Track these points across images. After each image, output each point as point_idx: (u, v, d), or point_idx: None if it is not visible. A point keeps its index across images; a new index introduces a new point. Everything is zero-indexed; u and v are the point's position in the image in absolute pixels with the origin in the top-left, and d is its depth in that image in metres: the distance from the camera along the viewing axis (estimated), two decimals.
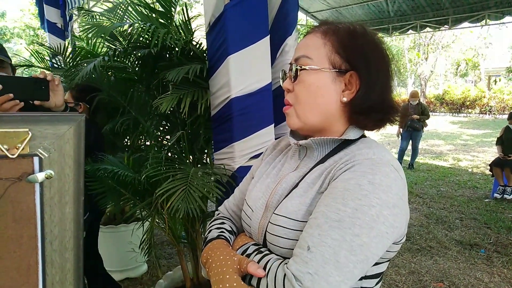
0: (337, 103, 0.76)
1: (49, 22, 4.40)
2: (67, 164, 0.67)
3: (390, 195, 0.64)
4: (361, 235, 0.61)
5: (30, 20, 17.97)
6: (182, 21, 1.98)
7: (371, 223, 0.62)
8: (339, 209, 0.63)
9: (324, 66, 0.74)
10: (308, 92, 0.75)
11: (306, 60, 0.75)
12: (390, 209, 0.64)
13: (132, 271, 3.00)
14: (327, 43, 0.75)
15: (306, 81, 0.75)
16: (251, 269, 0.68)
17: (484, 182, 6.26)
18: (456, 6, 7.34)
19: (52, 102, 1.29)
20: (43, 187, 0.68)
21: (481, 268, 3.19)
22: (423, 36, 24.68)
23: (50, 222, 0.66)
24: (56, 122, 0.66)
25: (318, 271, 0.60)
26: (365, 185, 0.64)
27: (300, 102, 0.77)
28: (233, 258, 0.72)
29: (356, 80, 0.74)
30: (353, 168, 0.67)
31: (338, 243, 0.61)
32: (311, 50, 0.76)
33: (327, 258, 0.60)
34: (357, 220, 0.62)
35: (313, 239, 0.63)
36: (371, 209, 0.62)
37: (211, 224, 0.93)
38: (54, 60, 2.81)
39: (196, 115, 1.88)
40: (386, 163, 0.68)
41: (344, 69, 0.74)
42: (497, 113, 20.37)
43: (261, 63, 1.71)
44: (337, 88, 0.75)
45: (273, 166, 0.89)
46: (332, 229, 0.62)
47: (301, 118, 0.77)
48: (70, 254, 0.68)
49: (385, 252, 0.70)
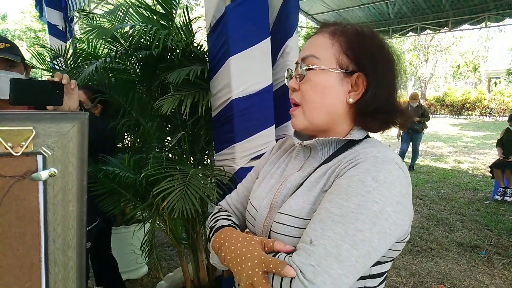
0: (343, 104, 0.76)
1: (50, 24, 4.42)
2: (71, 162, 0.68)
3: (394, 192, 0.65)
4: (363, 230, 0.62)
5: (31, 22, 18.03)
6: (183, 23, 1.99)
7: (374, 218, 0.63)
8: (342, 205, 0.64)
9: (331, 67, 0.75)
10: (314, 91, 0.76)
11: (314, 60, 0.76)
12: (393, 206, 0.65)
13: (133, 273, 3.00)
14: (335, 43, 0.76)
15: (313, 81, 0.76)
16: (278, 246, 0.68)
17: (485, 184, 6.25)
18: (456, 8, 7.35)
19: (66, 106, 1.23)
20: (46, 185, 0.68)
21: (482, 270, 3.19)
22: (423, 38, 24.72)
23: (53, 220, 0.66)
24: (60, 120, 0.66)
25: (320, 263, 0.60)
26: (369, 182, 0.65)
27: (307, 101, 0.77)
28: (254, 238, 0.72)
29: (363, 81, 0.75)
30: (357, 166, 0.68)
31: (341, 237, 0.62)
32: (319, 50, 0.76)
33: (329, 251, 0.61)
34: (360, 215, 0.62)
35: (315, 233, 0.63)
36: (374, 205, 0.63)
37: (216, 215, 0.92)
38: (55, 62, 2.82)
39: (197, 116, 1.88)
40: (390, 161, 0.68)
41: (352, 70, 0.75)
42: (497, 115, 20.36)
43: (262, 65, 1.71)
44: (343, 89, 0.76)
45: (277, 166, 0.90)
46: (334, 224, 0.63)
47: (308, 117, 0.78)
48: (73, 252, 0.68)
49: (388, 250, 0.70)
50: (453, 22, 7.61)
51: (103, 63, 1.92)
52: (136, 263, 2.99)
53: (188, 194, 1.53)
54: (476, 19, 7.31)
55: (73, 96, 1.24)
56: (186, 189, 1.55)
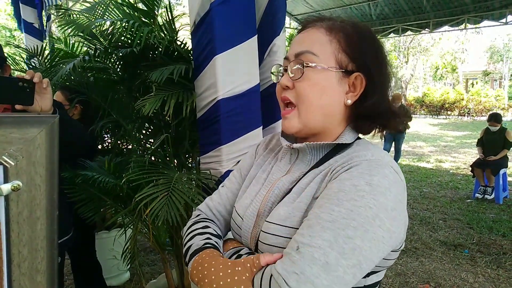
0: (340, 105, 0.72)
1: (26, 22, 4.24)
2: (38, 173, 0.58)
3: (389, 197, 0.60)
4: (354, 237, 0.57)
5: (6, 21, 17.40)
6: (165, 21, 1.92)
7: (366, 225, 0.58)
8: (333, 210, 0.59)
9: (331, 65, 0.69)
10: (313, 91, 0.70)
11: (312, 57, 0.70)
12: (387, 212, 0.60)
13: (114, 279, 2.90)
14: (333, 40, 0.70)
15: (312, 80, 0.70)
16: (265, 259, 0.62)
17: (466, 183, 6.37)
18: (437, 10, 7.53)
19: (37, 106, 1.14)
20: (9, 201, 0.59)
21: (466, 268, 3.22)
22: (403, 39, 25.22)
23: (18, 242, 0.57)
24: (24, 124, 0.57)
25: (304, 271, 0.55)
26: (362, 186, 0.60)
27: (304, 101, 0.71)
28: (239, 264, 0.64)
29: (361, 82, 0.70)
30: (351, 170, 0.63)
31: (329, 244, 0.57)
32: (317, 46, 0.70)
33: (316, 258, 0.56)
34: (352, 221, 0.57)
35: (302, 240, 0.58)
36: (367, 211, 0.58)
37: (191, 228, 0.82)
38: (30, 62, 2.69)
39: (181, 117, 1.81)
40: (385, 165, 0.64)
41: (351, 69, 0.70)
42: (475, 115, 20.92)
43: (249, 64, 1.66)
44: (341, 89, 0.71)
45: (262, 170, 0.84)
46: (323, 230, 0.58)
47: (303, 119, 0.72)
48: (43, 277, 0.58)
49: (383, 260, 0.65)
50: (434, 23, 7.78)
51: (81, 61, 1.83)
52: (118, 269, 2.90)
53: (172, 200, 1.46)
54: (456, 21, 7.51)
55: (46, 96, 1.16)
56: (171, 195, 1.47)
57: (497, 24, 7.42)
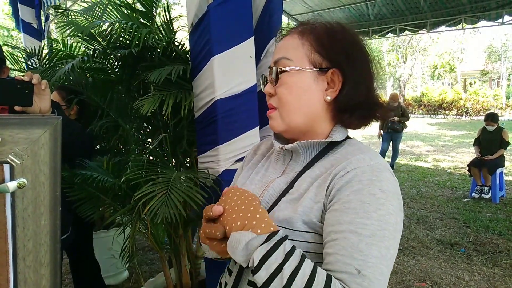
0: (320, 102, 0.75)
1: (24, 22, 4.24)
2: (42, 171, 0.62)
3: (398, 200, 0.67)
4: (389, 247, 0.62)
5: (4, 20, 17.35)
6: (163, 22, 1.94)
7: (394, 232, 0.63)
8: (366, 224, 0.62)
9: (304, 66, 0.73)
10: (290, 93, 0.74)
11: (286, 62, 0.74)
12: (399, 214, 0.66)
13: (113, 278, 2.91)
14: (305, 42, 0.74)
15: (288, 83, 0.74)
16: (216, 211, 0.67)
17: (463, 182, 6.41)
18: (434, 10, 7.55)
19: (36, 107, 1.15)
20: (14, 197, 0.62)
21: (462, 267, 3.25)
22: (401, 39, 25.26)
23: (23, 236, 0.60)
24: (29, 125, 0.60)
25: None
26: (379, 194, 0.64)
27: (284, 104, 0.75)
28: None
29: (338, 77, 0.73)
30: (358, 178, 0.66)
31: (379, 260, 0.60)
32: (290, 51, 0.75)
33: (378, 279, 0.60)
34: (385, 231, 0.62)
35: (358, 262, 0.60)
36: (391, 218, 0.63)
37: None
38: (30, 62, 2.70)
39: (179, 117, 1.83)
40: (384, 168, 0.68)
41: (325, 67, 0.73)
42: (473, 114, 21.00)
43: (246, 64, 1.68)
44: (320, 88, 0.74)
45: (256, 172, 0.86)
46: (369, 247, 0.60)
47: (285, 120, 0.76)
48: (46, 270, 0.62)
49: None
50: (431, 23, 7.81)
51: (80, 62, 1.84)
52: (116, 268, 2.91)
53: (171, 198, 1.48)
54: (453, 21, 7.54)
55: (45, 97, 1.17)
56: (170, 193, 1.49)
57: (493, 24, 7.46)
